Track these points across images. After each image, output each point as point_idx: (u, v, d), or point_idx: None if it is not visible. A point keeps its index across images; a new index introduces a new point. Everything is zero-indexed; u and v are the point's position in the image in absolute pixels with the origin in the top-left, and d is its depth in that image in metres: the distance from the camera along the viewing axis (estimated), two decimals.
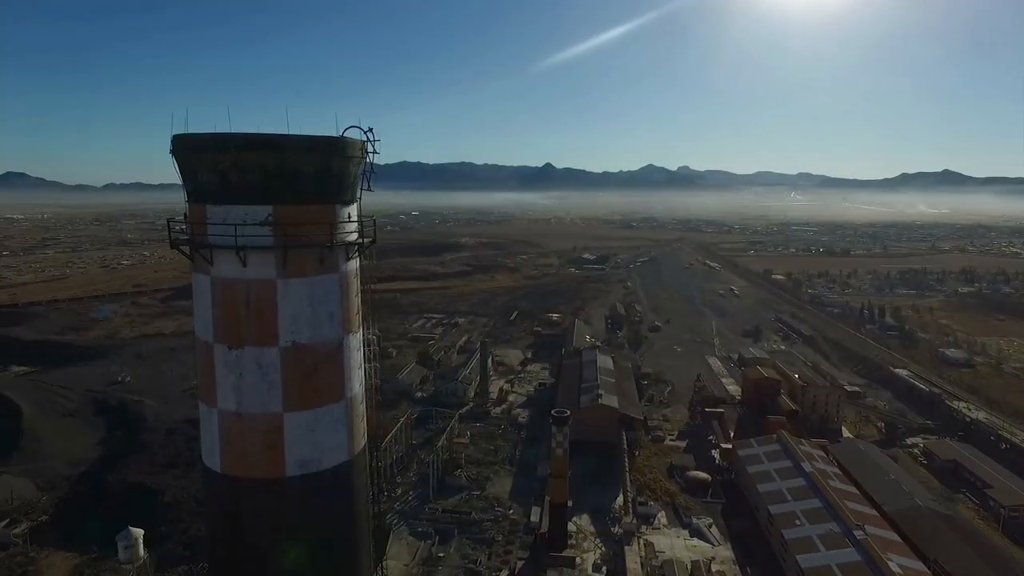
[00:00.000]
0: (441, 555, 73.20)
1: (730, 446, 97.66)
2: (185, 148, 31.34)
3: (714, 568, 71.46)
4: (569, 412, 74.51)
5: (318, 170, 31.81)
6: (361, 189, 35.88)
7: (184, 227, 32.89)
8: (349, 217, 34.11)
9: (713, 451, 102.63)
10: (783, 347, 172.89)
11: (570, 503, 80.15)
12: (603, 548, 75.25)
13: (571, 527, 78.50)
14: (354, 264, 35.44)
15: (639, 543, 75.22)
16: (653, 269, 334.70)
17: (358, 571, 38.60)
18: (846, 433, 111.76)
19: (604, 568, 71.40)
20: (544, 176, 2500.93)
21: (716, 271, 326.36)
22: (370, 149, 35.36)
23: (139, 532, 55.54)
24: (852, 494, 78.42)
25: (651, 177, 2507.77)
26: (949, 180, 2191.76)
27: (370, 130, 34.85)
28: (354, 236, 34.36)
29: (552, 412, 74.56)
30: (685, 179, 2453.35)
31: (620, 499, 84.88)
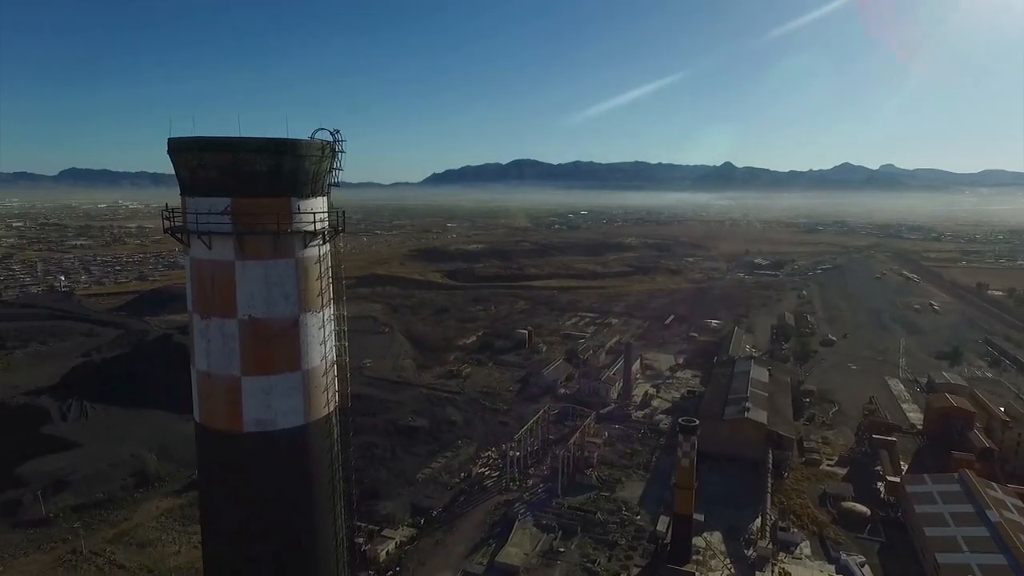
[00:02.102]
0: (561, 550, 73.96)
1: (898, 480, 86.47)
2: (172, 149, 36.80)
3: None
4: (698, 421, 71.07)
5: (271, 168, 35.77)
6: (329, 184, 39.58)
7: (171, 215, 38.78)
8: (300, 209, 37.43)
9: (878, 483, 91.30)
10: (988, 374, 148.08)
11: (700, 517, 76.77)
12: (731, 570, 70.88)
13: (700, 543, 75.07)
14: (315, 251, 38.93)
15: (774, 571, 69.79)
16: (835, 278, 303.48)
17: (317, 529, 42.15)
18: None
19: None
20: (722, 176, 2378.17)
21: (913, 283, 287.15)
22: (338, 149, 38.78)
23: None
24: None
25: (846, 176, 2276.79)
26: None
27: (336, 131, 38.57)
28: (310, 226, 37.74)
29: (679, 420, 71.65)
30: (888, 179, 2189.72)
31: (758, 521, 79.35)
